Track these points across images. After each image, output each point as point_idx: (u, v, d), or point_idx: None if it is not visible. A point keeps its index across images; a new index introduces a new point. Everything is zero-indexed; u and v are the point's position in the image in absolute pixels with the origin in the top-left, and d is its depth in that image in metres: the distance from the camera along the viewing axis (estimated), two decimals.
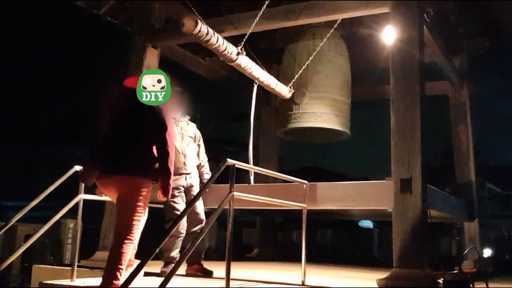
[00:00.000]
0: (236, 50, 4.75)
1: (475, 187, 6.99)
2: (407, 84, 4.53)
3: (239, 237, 10.37)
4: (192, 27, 4.28)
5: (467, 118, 7.10)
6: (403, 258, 4.14)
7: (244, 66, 4.95)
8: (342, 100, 6.58)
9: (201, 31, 4.36)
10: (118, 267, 3.16)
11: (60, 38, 20.05)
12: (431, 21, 5.10)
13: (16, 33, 19.95)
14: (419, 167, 4.30)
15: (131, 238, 3.28)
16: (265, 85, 5.53)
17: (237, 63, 4.85)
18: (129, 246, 3.25)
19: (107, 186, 3.48)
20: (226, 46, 4.64)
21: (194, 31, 4.31)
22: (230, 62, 4.84)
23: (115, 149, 3.47)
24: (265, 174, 4.37)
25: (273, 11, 5.17)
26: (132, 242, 3.29)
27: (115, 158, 3.44)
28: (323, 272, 5.59)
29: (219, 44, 4.57)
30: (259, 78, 5.30)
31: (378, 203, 4.57)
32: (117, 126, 3.56)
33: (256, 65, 5.18)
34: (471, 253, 6.03)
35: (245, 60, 4.92)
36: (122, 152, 3.47)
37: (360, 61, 7.19)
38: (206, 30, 4.42)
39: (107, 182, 3.45)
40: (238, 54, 4.78)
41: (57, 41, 20.21)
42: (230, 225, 3.25)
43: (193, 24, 4.28)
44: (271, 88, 5.67)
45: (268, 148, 8.11)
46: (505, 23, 6.53)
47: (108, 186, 3.47)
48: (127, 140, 3.51)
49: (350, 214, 7.54)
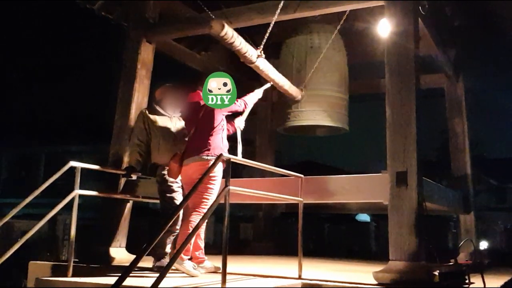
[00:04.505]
0: (256, 53, 4.93)
1: (471, 180, 7.01)
2: (403, 77, 4.53)
3: (236, 232, 10.40)
4: (220, 30, 4.47)
5: (462, 111, 7.12)
6: (399, 251, 4.15)
7: (261, 68, 5.16)
8: (340, 97, 6.58)
9: (227, 34, 4.53)
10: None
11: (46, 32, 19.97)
12: (426, 14, 5.09)
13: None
14: (415, 160, 4.30)
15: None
16: (279, 86, 5.73)
17: (256, 65, 5.04)
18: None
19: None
20: (247, 48, 4.81)
21: (221, 34, 4.49)
22: (250, 63, 5.01)
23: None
24: (261, 168, 4.37)
25: (269, 5, 5.16)
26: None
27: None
28: (320, 266, 5.60)
29: (242, 46, 4.73)
30: (274, 79, 5.48)
31: (374, 196, 4.57)
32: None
33: (273, 68, 5.38)
34: (467, 245, 6.06)
35: (264, 63, 5.12)
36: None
37: (355, 55, 7.17)
38: (232, 33, 4.58)
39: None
40: (258, 57, 4.95)
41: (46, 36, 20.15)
42: (227, 220, 3.25)
43: (221, 27, 4.47)
44: (284, 90, 5.88)
45: (264, 143, 8.12)
46: (501, 15, 6.53)
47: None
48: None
49: (347, 208, 7.57)
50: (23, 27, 20.16)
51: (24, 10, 18.99)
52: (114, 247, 5.26)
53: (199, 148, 4.21)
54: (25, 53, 21.04)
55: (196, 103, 4.37)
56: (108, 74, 4.62)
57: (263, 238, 7.96)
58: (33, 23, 19.39)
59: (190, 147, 4.33)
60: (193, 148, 4.28)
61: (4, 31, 18.42)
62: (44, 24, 19.08)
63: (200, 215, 3.98)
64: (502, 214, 19.87)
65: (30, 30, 19.70)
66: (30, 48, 20.69)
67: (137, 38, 5.83)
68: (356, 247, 10.95)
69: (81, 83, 23.15)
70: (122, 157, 5.47)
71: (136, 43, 5.81)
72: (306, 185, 4.54)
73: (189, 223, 4.01)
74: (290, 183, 4.64)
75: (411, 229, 4.15)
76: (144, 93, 5.80)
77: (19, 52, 21.05)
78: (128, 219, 5.48)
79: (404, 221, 4.19)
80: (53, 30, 20.20)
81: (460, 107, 7.12)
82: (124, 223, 5.43)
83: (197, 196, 3.96)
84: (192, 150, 4.27)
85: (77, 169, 4.32)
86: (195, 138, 4.33)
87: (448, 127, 7.24)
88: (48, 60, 21.61)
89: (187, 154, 4.30)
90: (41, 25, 19.03)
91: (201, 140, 4.25)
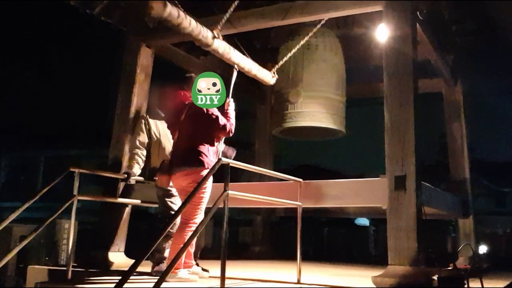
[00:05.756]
0: (212, 34, 4.47)
1: (470, 184, 7.02)
2: (401, 82, 4.54)
3: (235, 236, 10.38)
4: (161, 10, 3.95)
5: (461, 115, 7.13)
6: (398, 255, 4.15)
7: (221, 52, 4.67)
8: (337, 99, 6.59)
9: (172, 14, 4.03)
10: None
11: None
12: (424, 18, 5.11)
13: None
14: (413, 164, 4.31)
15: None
16: (246, 71, 5.20)
17: (213, 48, 4.57)
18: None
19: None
20: (200, 29, 4.35)
21: (164, 14, 3.99)
22: (207, 47, 4.55)
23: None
24: (260, 172, 4.38)
25: (267, 10, 5.17)
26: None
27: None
28: (319, 270, 5.60)
29: (192, 27, 4.27)
30: (239, 63, 4.97)
31: (373, 201, 4.58)
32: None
33: (236, 50, 4.90)
34: (466, 249, 6.05)
35: (223, 45, 4.63)
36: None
37: (354, 59, 7.20)
38: (177, 12, 4.09)
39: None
40: (214, 38, 4.48)
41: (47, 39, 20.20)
42: (226, 224, 3.25)
43: (162, 7, 3.94)
44: (253, 74, 5.40)
45: (263, 146, 8.12)
46: (499, 20, 6.55)
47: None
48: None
49: (346, 212, 7.57)
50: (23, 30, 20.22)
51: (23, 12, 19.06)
52: (113, 252, 5.25)
53: (187, 156, 3.99)
54: (25, 56, 21.08)
55: (180, 103, 4.14)
56: (107, 78, 4.64)
57: (262, 242, 7.95)
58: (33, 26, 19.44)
59: (177, 154, 4.07)
60: (180, 155, 4.05)
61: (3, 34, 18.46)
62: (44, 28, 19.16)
63: (193, 227, 3.84)
64: (501, 218, 19.88)
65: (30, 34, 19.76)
66: (29, 51, 20.74)
67: (136, 42, 5.84)
68: (355, 251, 10.94)
69: (80, 87, 23.17)
70: (121, 161, 5.46)
71: (136, 47, 5.82)
72: (305, 189, 4.55)
73: (183, 237, 3.84)
74: (289, 187, 4.65)
75: (410, 233, 4.16)
76: (143, 97, 5.81)
77: (19, 55, 21.09)
78: (127, 223, 5.48)
79: (403, 226, 4.20)
80: (53, 34, 20.26)
81: (459, 112, 7.13)
82: (123, 227, 5.42)
83: (190, 206, 3.77)
84: (180, 158, 4.04)
85: (76, 174, 4.32)
86: (180, 144, 4.08)
87: (447, 131, 7.26)
88: (47, 63, 21.65)
89: (175, 162, 4.07)
90: (41, 29, 19.10)
91: (188, 146, 4.01)
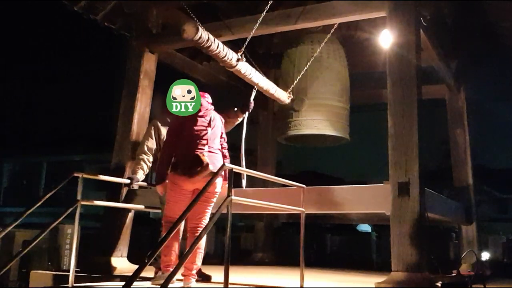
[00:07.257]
0: (236, 56, 4.74)
1: (473, 190, 7.01)
2: (404, 88, 4.55)
3: (237, 242, 10.35)
4: (193, 33, 4.27)
5: (464, 122, 7.13)
6: (401, 262, 4.14)
7: (244, 72, 4.94)
8: (341, 106, 6.60)
9: (202, 37, 4.35)
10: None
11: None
12: (427, 25, 5.12)
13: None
14: (417, 171, 4.31)
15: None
16: (264, 90, 5.52)
17: (237, 69, 4.84)
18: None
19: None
20: (226, 52, 4.63)
21: (195, 38, 4.30)
22: (230, 68, 4.83)
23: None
24: (263, 178, 4.38)
25: (270, 16, 5.19)
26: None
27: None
28: (321, 276, 5.58)
29: (220, 50, 4.56)
30: (258, 83, 5.27)
31: (376, 207, 4.57)
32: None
33: (256, 71, 5.17)
34: (469, 256, 6.03)
35: (245, 66, 4.91)
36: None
37: (357, 65, 7.21)
38: (207, 36, 4.42)
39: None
40: (238, 60, 4.76)
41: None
42: (229, 230, 3.25)
43: (194, 31, 4.27)
44: (270, 94, 5.67)
45: (266, 152, 8.12)
46: (502, 26, 6.56)
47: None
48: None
49: (348, 218, 7.56)
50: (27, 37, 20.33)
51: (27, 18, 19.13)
52: (116, 257, 5.25)
53: (191, 163, 3.89)
54: (28, 62, 21.17)
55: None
56: (110, 83, 4.65)
57: (264, 248, 7.93)
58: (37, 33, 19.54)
59: (182, 160, 3.96)
60: (186, 161, 3.93)
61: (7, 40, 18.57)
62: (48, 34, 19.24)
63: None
64: (504, 225, 19.78)
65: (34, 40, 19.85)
66: (32, 57, 20.81)
67: (139, 48, 5.87)
68: (357, 257, 10.90)
69: (83, 93, 23.24)
70: (124, 166, 5.47)
71: (139, 53, 5.85)
72: (308, 195, 4.54)
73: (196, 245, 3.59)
74: (292, 193, 4.64)
75: (413, 239, 4.15)
76: (147, 103, 5.82)
77: (22, 61, 21.18)
78: (129, 228, 5.48)
79: (406, 232, 4.19)
80: (56, 40, 20.34)
81: (462, 118, 7.13)
82: (126, 232, 5.42)
83: (199, 212, 3.84)
84: (185, 164, 3.92)
85: (80, 179, 4.32)
86: (183, 150, 3.99)
87: (450, 137, 7.25)
88: (50, 69, 21.74)
89: (181, 169, 3.93)
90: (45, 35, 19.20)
91: (192, 152, 3.93)
